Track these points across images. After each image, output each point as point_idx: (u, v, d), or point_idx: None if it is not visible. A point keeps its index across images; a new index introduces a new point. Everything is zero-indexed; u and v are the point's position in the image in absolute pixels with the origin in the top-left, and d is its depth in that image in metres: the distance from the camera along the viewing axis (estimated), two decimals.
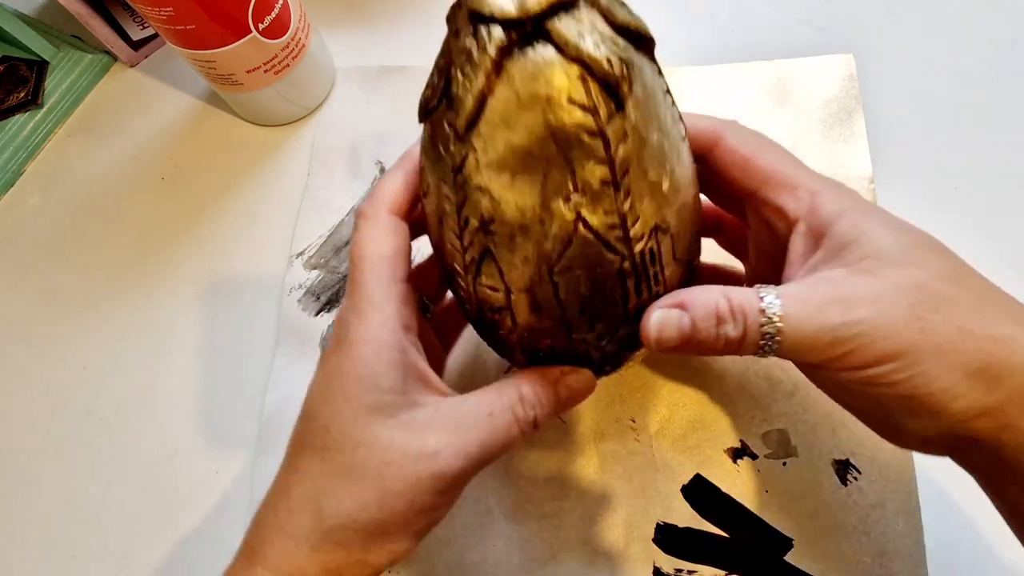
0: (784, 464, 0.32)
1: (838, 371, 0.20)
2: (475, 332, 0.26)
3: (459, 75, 0.19)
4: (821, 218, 0.22)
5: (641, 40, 0.20)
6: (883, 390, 0.20)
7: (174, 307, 0.39)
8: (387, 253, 0.23)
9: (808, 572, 0.30)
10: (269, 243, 0.40)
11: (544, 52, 0.18)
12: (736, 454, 0.32)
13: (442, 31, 0.21)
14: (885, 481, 0.31)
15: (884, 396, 0.20)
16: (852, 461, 0.31)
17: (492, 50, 0.18)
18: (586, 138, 0.19)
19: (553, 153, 0.19)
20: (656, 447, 0.33)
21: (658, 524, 0.32)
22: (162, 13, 0.34)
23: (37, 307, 0.40)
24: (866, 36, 0.41)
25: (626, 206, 0.20)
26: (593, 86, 0.18)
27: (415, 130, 0.41)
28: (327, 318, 0.38)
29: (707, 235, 0.28)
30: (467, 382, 0.35)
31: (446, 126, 0.20)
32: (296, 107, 0.43)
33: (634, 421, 0.33)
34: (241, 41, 0.36)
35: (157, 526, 0.34)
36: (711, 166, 0.24)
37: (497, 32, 0.18)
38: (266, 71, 0.39)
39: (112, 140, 0.44)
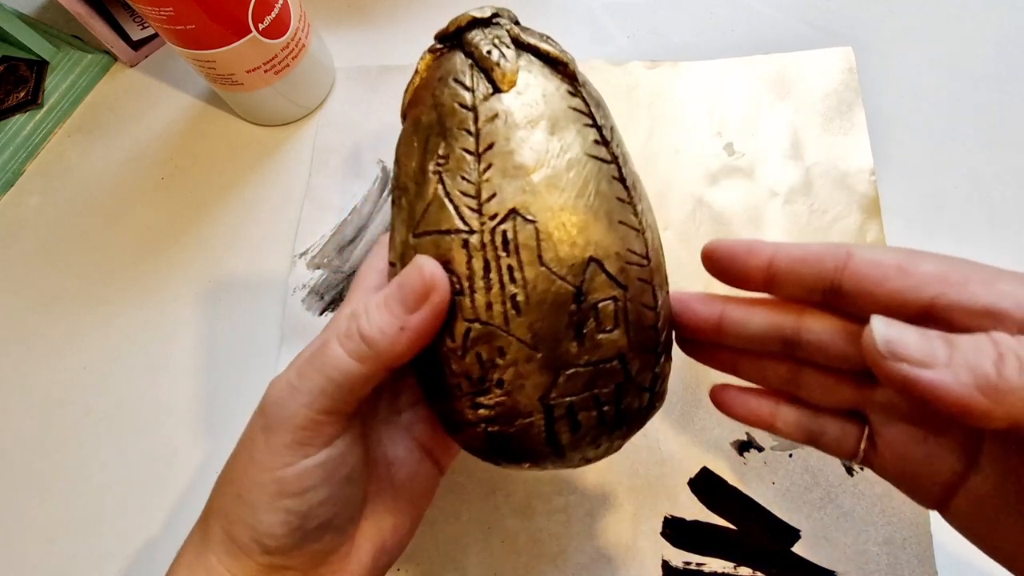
0: (790, 456, 0.32)
1: None
2: None
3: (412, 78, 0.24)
4: None
5: (548, 60, 0.23)
6: None
7: (175, 307, 0.39)
8: None
9: (816, 563, 0.30)
10: (270, 243, 0.40)
11: (455, 52, 0.23)
12: (742, 446, 0.32)
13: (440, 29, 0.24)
14: None
15: None
16: None
17: (427, 56, 0.23)
18: (459, 110, 0.21)
19: (434, 121, 0.22)
20: (662, 440, 0.33)
21: (666, 517, 0.31)
22: (162, 13, 0.34)
23: (37, 307, 0.40)
24: (866, 34, 0.41)
25: (483, 178, 0.21)
26: (475, 71, 0.22)
27: None
28: (331, 317, 0.37)
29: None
30: None
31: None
32: (296, 107, 0.43)
33: None
34: (241, 41, 0.36)
35: (158, 526, 0.34)
36: (844, 293, 0.19)
37: (434, 44, 0.24)
38: (266, 71, 0.39)
39: (112, 140, 0.44)
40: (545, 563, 0.31)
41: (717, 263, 0.22)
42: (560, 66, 0.23)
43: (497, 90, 0.21)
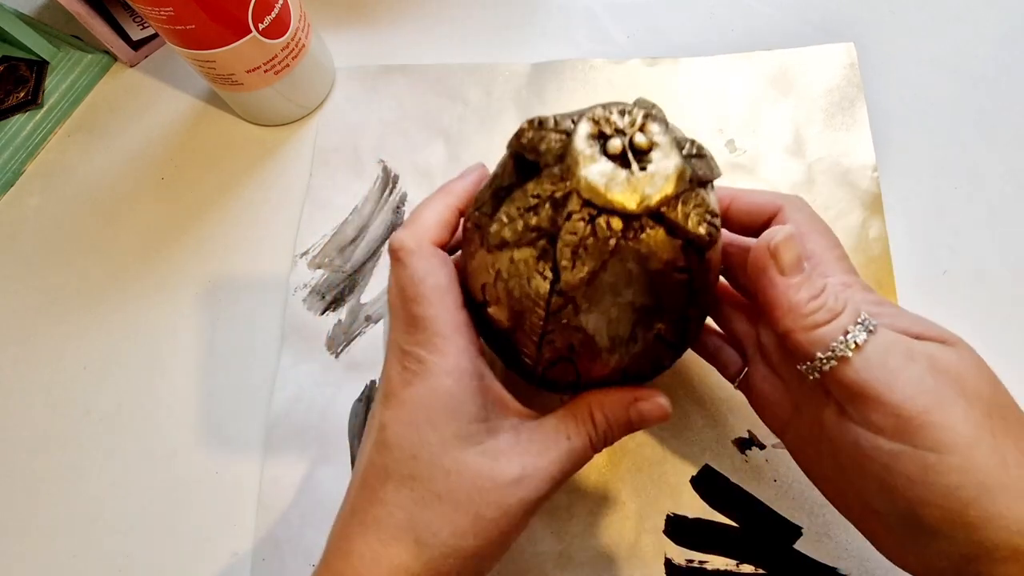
0: None
1: (891, 435, 0.19)
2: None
3: (569, 253, 0.20)
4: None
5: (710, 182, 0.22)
6: (920, 490, 0.19)
7: (175, 307, 0.39)
8: (444, 284, 0.23)
9: (818, 560, 0.30)
10: (271, 243, 0.40)
11: (656, 234, 0.20)
12: (744, 444, 0.32)
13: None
14: None
15: (914, 493, 0.19)
16: None
17: (612, 241, 0.19)
18: (678, 290, 0.22)
19: (652, 305, 0.21)
20: (664, 439, 0.33)
21: (668, 515, 0.31)
22: (162, 13, 0.34)
23: (37, 307, 0.40)
24: (867, 33, 0.41)
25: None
26: (690, 252, 0.21)
27: (416, 129, 0.42)
28: (332, 317, 0.37)
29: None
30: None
31: (538, 274, 0.21)
32: (296, 107, 0.43)
33: None
34: (241, 41, 0.36)
35: (157, 526, 0.34)
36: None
37: (616, 224, 0.19)
38: (266, 71, 0.39)
39: (112, 140, 0.44)
40: (546, 562, 0.31)
41: None
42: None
43: (704, 258, 0.22)
